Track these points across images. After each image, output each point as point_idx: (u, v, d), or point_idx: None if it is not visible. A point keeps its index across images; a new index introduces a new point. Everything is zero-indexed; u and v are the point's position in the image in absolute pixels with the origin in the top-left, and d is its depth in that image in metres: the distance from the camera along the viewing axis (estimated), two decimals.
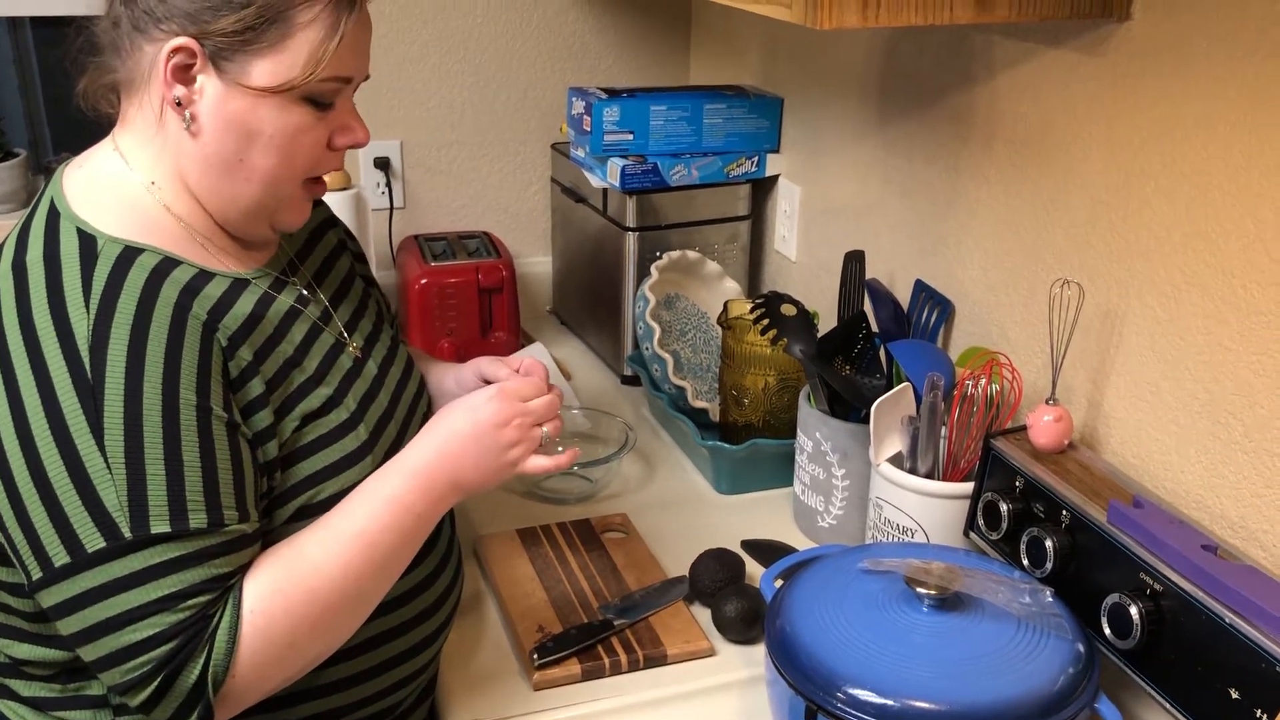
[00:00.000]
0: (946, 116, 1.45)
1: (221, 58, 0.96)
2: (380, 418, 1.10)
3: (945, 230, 1.47)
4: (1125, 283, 1.19)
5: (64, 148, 2.17)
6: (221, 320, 0.98)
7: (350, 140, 1.04)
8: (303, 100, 0.98)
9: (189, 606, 0.90)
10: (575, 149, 1.88)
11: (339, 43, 0.97)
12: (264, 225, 1.05)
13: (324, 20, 0.97)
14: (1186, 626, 0.97)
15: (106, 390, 0.90)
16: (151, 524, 0.89)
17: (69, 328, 0.91)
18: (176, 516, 0.90)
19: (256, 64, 0.96)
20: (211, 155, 0.99)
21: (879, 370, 1.43)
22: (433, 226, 2.11)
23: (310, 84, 0.97)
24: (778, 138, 1.87)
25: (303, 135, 1.00)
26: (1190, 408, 1.12)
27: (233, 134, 0.98)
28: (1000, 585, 1.04)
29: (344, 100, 1.03)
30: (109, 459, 0.89)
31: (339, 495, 1.02)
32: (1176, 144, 1.11)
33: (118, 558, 0.89)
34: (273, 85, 0.96)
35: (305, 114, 0.99)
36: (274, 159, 0.99)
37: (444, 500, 1.04)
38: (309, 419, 1.03)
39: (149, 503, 0.89)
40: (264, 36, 0.95)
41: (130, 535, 0.89)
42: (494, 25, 2.03)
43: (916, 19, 1.09)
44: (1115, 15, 1.15)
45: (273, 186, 1.01)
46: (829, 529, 1.41)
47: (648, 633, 1.23)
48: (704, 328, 1.78)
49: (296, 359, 1.04)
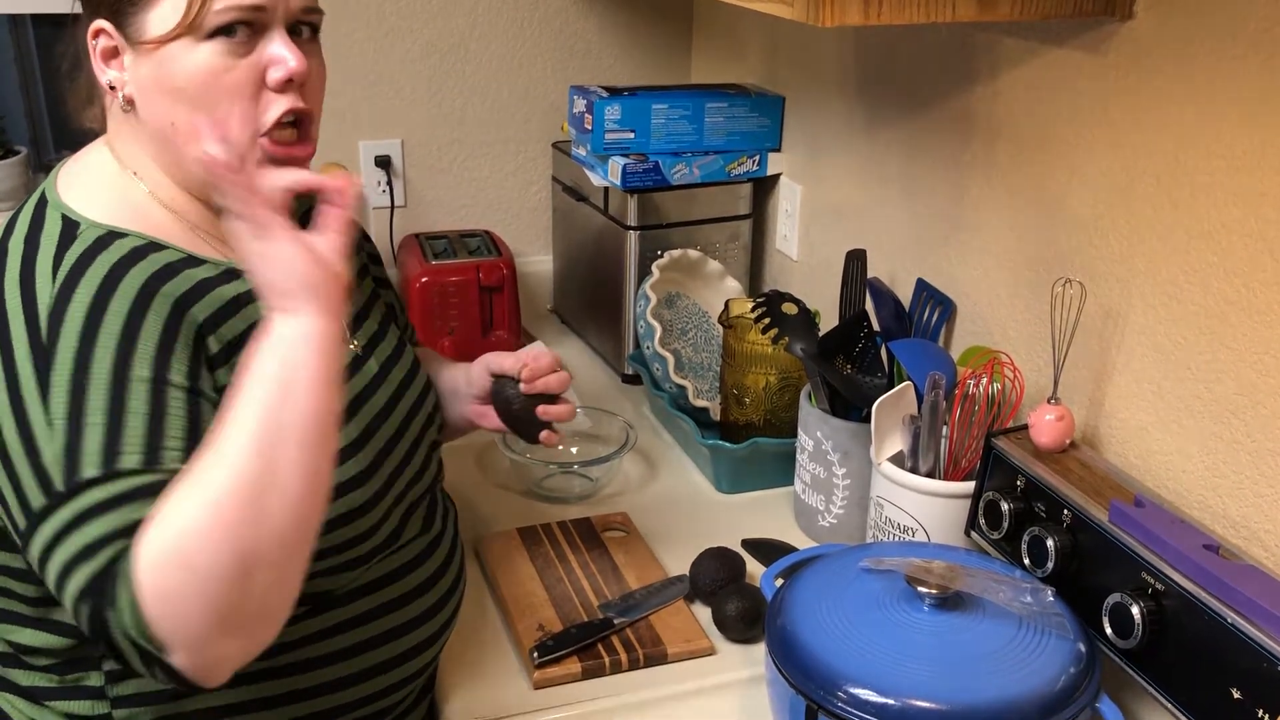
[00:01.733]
0: (948, 115, 1.44)
1: (124, 25, 0.95)
2: (375, 416, 1.09)
3: (947, 229, 1.47)
4: (1127, 282, 1.19)
5: (65, 146, 2.16)
6: (202, 297, 0.96)
7: (283, 71, 0.96)
8: (209, 40, 0.94)
9: (101, 558, 0.81)
10: (576, 147, 1.88)
11: None
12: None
13: None
14: (1188, 626, 0.97)
15: (58, 353, 0.88)
16: (83, 469, 0.85)
17: (34, 296, 0.91)
18: (109, 460, 0.85)
19: (149, 18, 0.94)
20: (152, 129, 0.98)
21: (880, 369, 1.43)
22: (434, 225, 2.10)
23: (204, 18, 0.93)
24: (779, 136, 1.86)
25: (219, 77, 0.94)
26: (1192, 407, 1.12)
27: (158, 99, 0.96)
28: (1001, 584, 1.04)
29: (270, 34, 0.96)
30: (50, 418, 0.87)
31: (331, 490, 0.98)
32: (1179, 143, 1.11)
33: (53, 513, 0.84)
34: (166, 33, 0.93)
35: (215, 53, 0.94)
36: (197, 109, 0.94)
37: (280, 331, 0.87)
38: None
39: (83, 450, 0.85)
40: None
41: (61, 486, 0.85)
42: (495, 24, 2.03)
43: (919, 16, 1.08)
44: (1118, 14, 1.14)
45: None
46: (830, 528, 1.41)
47: (648, 631, 1.23)
48: (705, 326, 1.78)
49: None
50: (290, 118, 0.98)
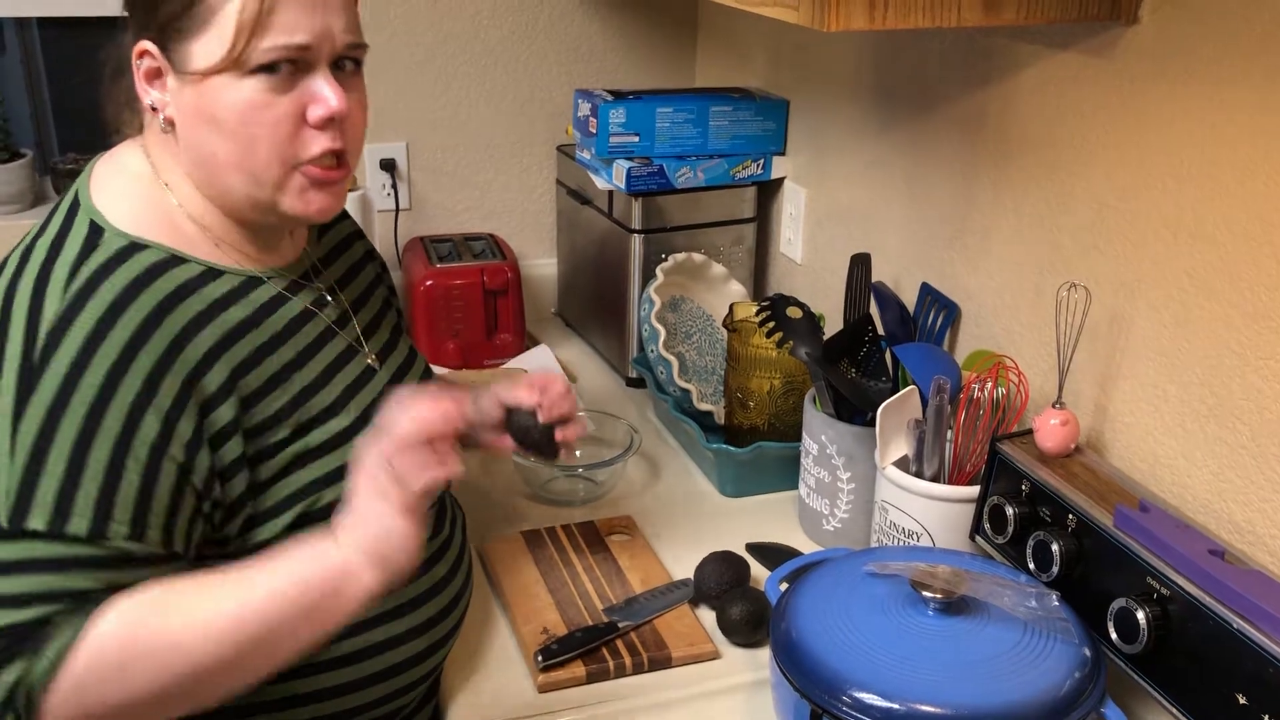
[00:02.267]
0: (952, 119, 1.44)
1: (171, 52, 0.95)
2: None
3: (951, 233, 1.47)
4: (1132, 286, 1.19)
5: (70, 148, 2.17)
6: (211, 322, 0.97)
7: (323, 111, 0.96)
8: (252, 75, 0.94)
9: (32, 611, 0.86)
10: (581, 151, 1.88)
11: (271, 6, 0.92)
12: (270, 215, 1.01)
13: None
14: (1193, 631, 0.97)
15: (45, 375, 0.89)
16: (30, 518, 0.86)
17: (41, 306, 0.91)
18: (57, 516, 0.87)
19: (194, 48, 0.94)
20: (191, 153, 0.99)
21: (885, 373, 1.43)
22: (438, 228, 2.11)
23: (249, 55, 0.93)
24: (783, 140, 1.86)
25: (260, 113, 0.95)
26: (1197, 412, 1.12)
27: (198, 127, 0.97)
28: (1006, 589, 1.04)
29: (313, 72, 0.97)
30: (15, 443, 0.87)
31: (338, 503, 0.98)
32: (1183, 147, 1.11)
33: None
34: (210, 66, 0.94)
35: (257, 89, 0.94)
36: (237, 143, 0.96)
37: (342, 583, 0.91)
38: (306, 427, 1.02)
39: (35, 496, 0.87)
40: (192, 17, 0.93)
41: (5, 524, 0.86)
42: (500, 27, 2.03)
43: (924, 21, 1.08)
44: (1123, 18, 1.14)
45: (252, 174, 0.97)
46: (834, 532, 1.41)
47: (652, 635, 1.23)
48: (709, 330, 1.78)
49: (299, 362, 1.03)
50: (329, 157, 0.99)
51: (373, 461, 0.92)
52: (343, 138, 0.99)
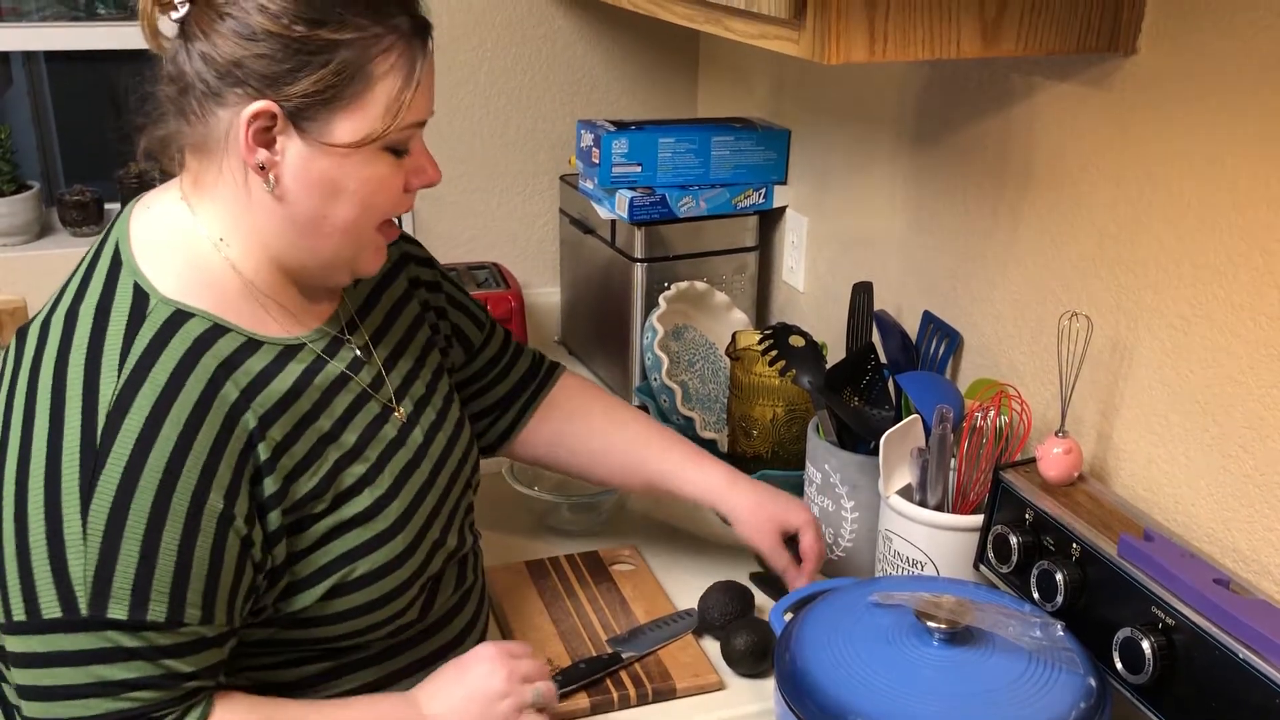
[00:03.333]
0: (953, 149, 1.45)
1: (302, 118, 0.93)
2: (420, 489, 1.09)
3: (953, 262, 1.48)
4: (1134, 315, 1.19)
5: (76, 180, 2.18)
6: (256, 398, 0.97)
7: (424, 181, 1.02)
8: (384, 150, 0.97)
9: (133, 698, 0.89)
10: (584, 181, 1.89)
11: (414, 90, 0.96)
12: (344, 274, 1.04)
13: (400, 69, 0.95)
14: (1199, 661, 0.97)
15: (110, 458, 0.89)
16: (110, 608, 0.88)
17: (96, 385, 0.90)
18: (136, 606, 0.88)
19: (338, 121, 0.94)
20: (297, 215, 0.97)
21: (888, 402, 1.43)
22: (442, 257, 2.08)
23: (391, 134, 0.96)
24: (785, 169, 1.87)
25: (382, 184, 0.98)
26: (1200, 440, 1.12)
27: (318, 193, 0.96)
28: (1011, 619, 1.04)
29: (416, 142, 1.01)
30: (87, 529, 0.88)
31: (372, 574, 1.01)
32: (1184, 177, 1.11)
33: (69, 631, 0.88)
34: (356, 141, 0.95)
35: (386, 163, 0.98)
36: (356, 211, 0.98)
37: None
38: (341, 498, 1.02)
39: (113, 584, 0.88)
40: (344, 93, 0.93)
41: (86, 613, 0.87)
42: (503, 58, 2.05)
43: (924, 53, 1.09)
44: (1121, 50, 1.15)
45: (353, 237, 1.00)
46: (838, 561, 1.41)
47: (656, 666, 1.23)
48: (712, 358, 1.78)
49: (334, 434, 1.02)
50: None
51: (496, 686, 1.03)
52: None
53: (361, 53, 0.93)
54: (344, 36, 0.92)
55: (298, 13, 0.91)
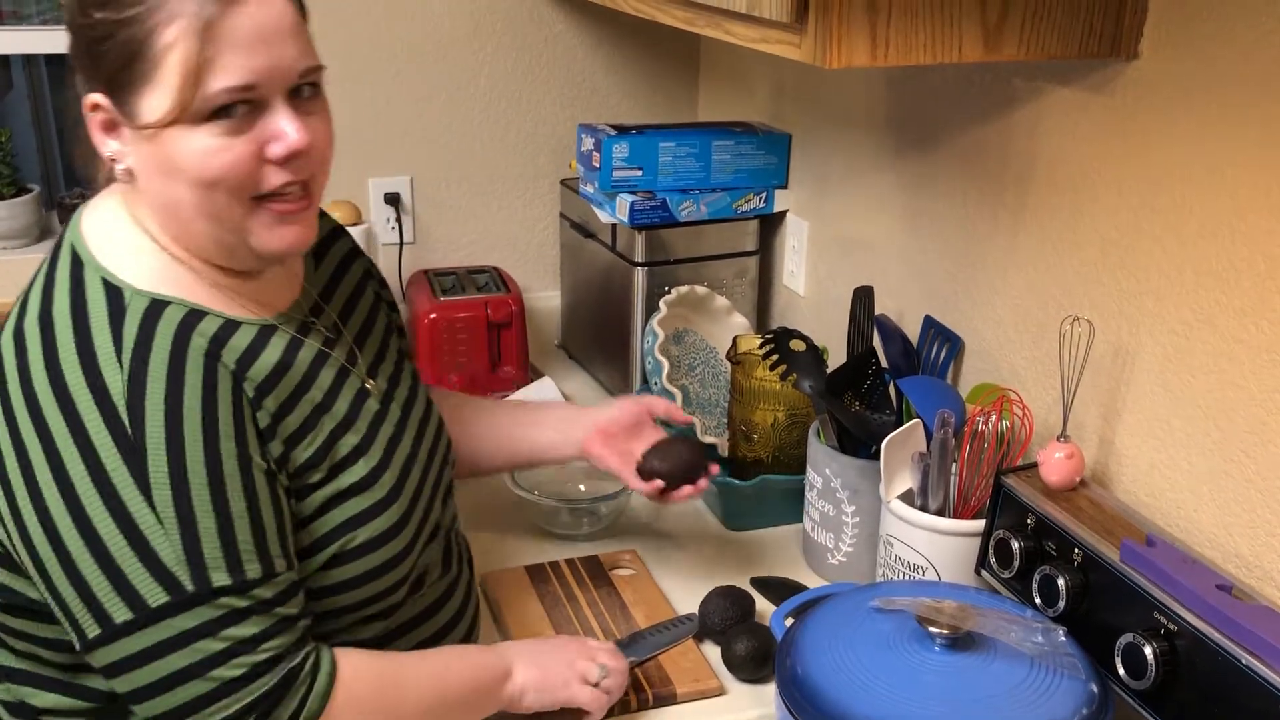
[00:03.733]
0: (954, 154, 1.45)
1: (121, 104, 0.92)
2: (405, 460, 1.10)
3: (954, 267, 1.47)
4: (1136, 320, 1.19)
5: (76, 183, 2.18)
6: (249, 371, 0.97)
7: (283, 148, 0.93)
8: (205, 121, 0.91)
9: (269, 648, 0.92)
10: (584, 185, 1.89)
11: (212, 53, 0.88)
12: (247, 256, 0.99)
13: (190, 35, 0.88)
14: (1202, 667, 0.96)
15: (148, 446, 0.90)
16: (213, 577, 0.90)
17: (103, 384, 0.90)
18: (234, 568, 0.91)
19: (142, 101, 0.91)
20: (154, 202, 0.97)
21: (889, 406, 1.43)
22: (442, 261, 2.11)
23: (199, 103, 0.89)
24: (786, 174, 1.87)
25: (216, 156, 0.92)
26: (1203, 446, 1.12)
27: (158, 175, 0.94)
28: (1013, 624, 1.04)
29: (273, 105, 0.93)
30: (160, 515, 0.89)
31: (372, 542, 1.03)
32: (1186, 182, 1.11)
33: (183, 611, 0.89)
34: (160, 118, 0.90)
35: (211, 135, 0.91)
36: (195, 191, 0.93)
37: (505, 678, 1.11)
38: (337, 468, 1.02)
39: (204, 555, 0.90)
40: (135, 72, 0.90)
41: (193, 588, 0.90)
42: (504, 63, 2.05)
43: (925, 57, 1.09)
44: (1123, 55, 1.15)
45: (214, 217, 0.95)
46: (839, 566, 1.41)
47: (657, 671, 1.22)
48: (713, 363, 1.78)
49: (326, 404, 1.03)
50: (293, 187, 0.97)
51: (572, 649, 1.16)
52: (307, 168, 0.97)
53: (139, 27, 0.89)
54: (122, 15, 0.89)
55: (86, 1, 0.90)
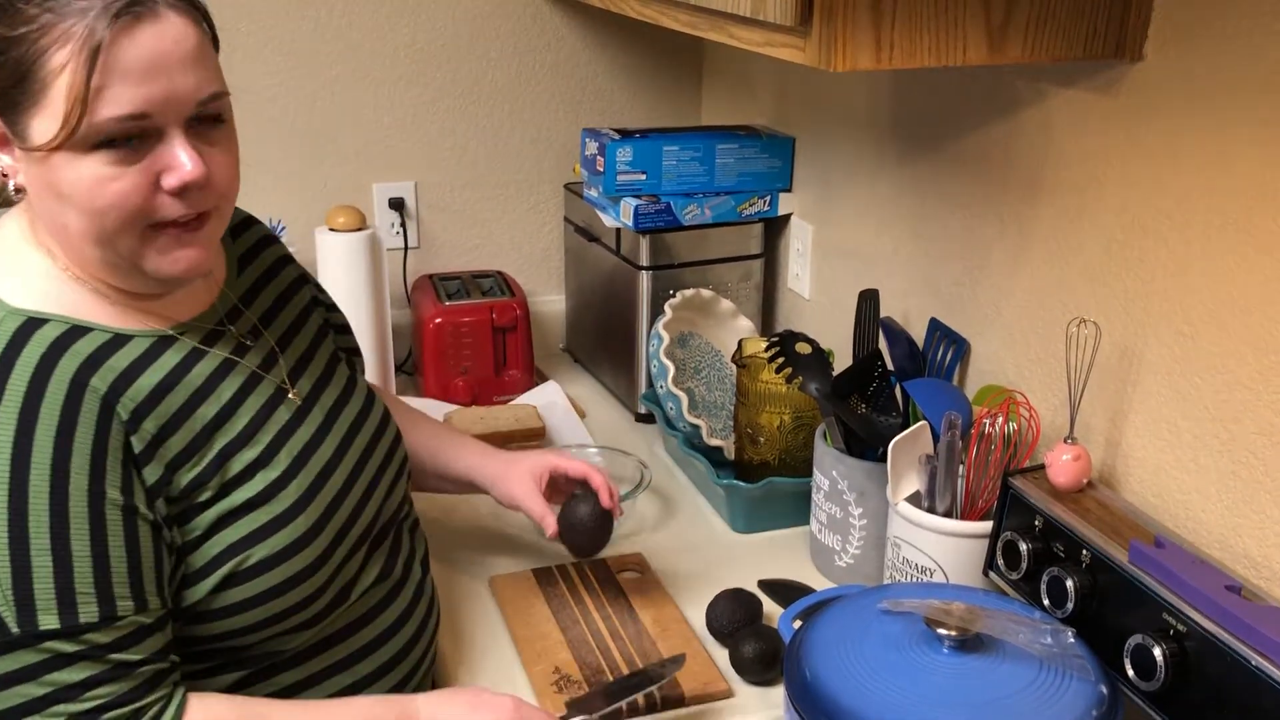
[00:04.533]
0: (959, 156, 1.45)
1: (10, 122, 0.89)
2: (323, 468, 1.07)
3: (959, 269, 1.47)
4: (1142, 321, 1.19)
5: None
6: (126, 392, 0.93)
7: (176, 179, 0.90)
8: (95, 150, 0.88)
9: (94, 697, 0.88)
10: (588, 189, 1.90)
11: (101, 80, 0.85)
12: (141, 279, 0.96)
13: (78, 61, 0.85)
14: (1211, 668, 0.96)
15: None
16: (39, 619, 0.86)
17: None
18: (65, 610, 0.87)
19: (32, 123, 0.88)
20: (45, 221, 0.95)
21: (895, 409, 1.43)
22: (447, 266, 2.12)
23: (87, 131, 0.86)
24: (790, 177, 1.87)
25: (105, 186, 0.89)
26: (1210, 446, 1.12)
27: (47, 200, 0.91)
28: (1021, 626, 1.03)
29: (166, 136, 0.90)
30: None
31: (270, 560, 0.99)
32: (1191, 183, 1.11)
33: (6, 652, 0.86)
34: (46, 143, 0.87)
35: (101, 164, 0.88)
36: (84, 218, 0.90)
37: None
38: (230, 485, 0.99)
39: (35, 596, 0.86)
40: (24, 92, 0.87)
41: (17, 630, 0.86)
42: (508, 68, 2.05)
43: (930, 60, 1.09)
44: (1128, 56, 1.15)
45: (106, 244, 0.92)
46: (846, 568, 1.41)
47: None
48: (718, 366, 1.78)
49: (220, 419, 1.00)
50: (186, 219, 0.94)
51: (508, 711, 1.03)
52: (204, 200, 0.93)
53: (30, 47, 0.85)
54: (14, 33, 0.86)
55: None
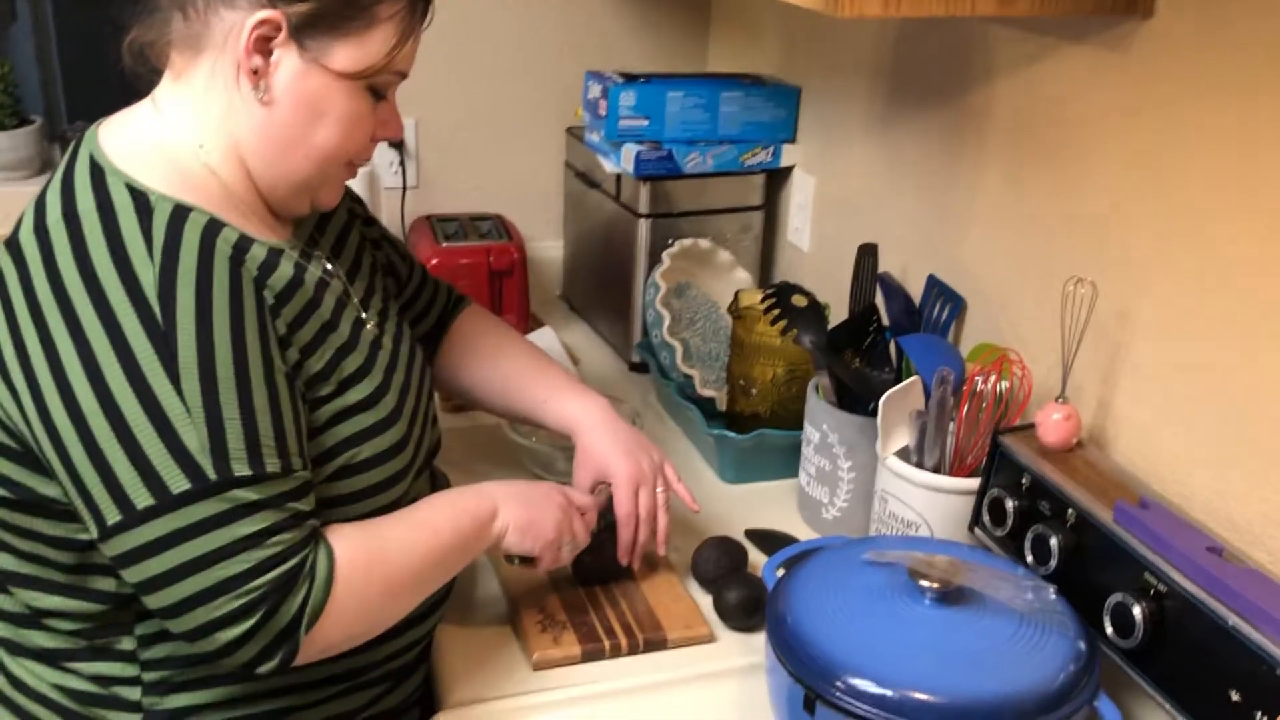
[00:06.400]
0: (964, 111, 1.44)
1: (304, 36, 0.99)
2: (402, 386, 1.13)
3: (959, 226, 1.47)
4: (1140, 282, 1.18)
5: (79, 116, 2.16)
6: (268, 280, 1.00)
7: (389, 133, 1.09)
8: (367, 89, 1.03)
9: (277, 543, 0.93)
10: (590, 133, 1.88)
11: (410, 41, 1.03)
12: (306, 201, 1.08)
13: (401, 17, 1.02)
14: (1189, 628, 0.97)
15: (179, 336, 0.92)
16: (233, 467, 0.92)
17: (134, 275, 0.92)
18: (254, 460, 0.93)
19: (338, 48, 1.00)
20: (278, 127, 1.01)
21: (889, 364, 1.43)
22: (445, 207, 2.10)
23: (381, 75, 1.03)
24: (794, 128, 1.86)
25: (361, 121, 1.04)
26: (1200, 410, 1.12)
27: (303, 110, 1.01)
28: (1003, 581, 1.04)
29: (392, 95, 1.08)
30: (187, 403, 0.91)
31: (376, 458, 1.06)
32: (1197, 144, 1.10)
33: (202, 499, 0.91)
34: (351, 70, 1.00)
35: (366, 102, 1.04)
36: (335, 139, 1.03)
37: (490, 519, 1.12)
38: (344, 384, 1.05)
39: (228, 446, 0.92)
40: (350, 24, 0.99)
41: (215, 476, 0.91)
42: (512, 7, 2.03)
43: (939, 9, 1.08)
44: (1138, 12, 1.14)
45: (325, 165, 1.05)
46: (833, 521, 1.41)
47: (649, 616, 1.23)
48: (714, 316, 1.78)
49: (333, 323, 1.07)
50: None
51: (560, 502, 1.18)
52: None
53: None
54: None
55: None
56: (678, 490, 1.31)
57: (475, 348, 1.39)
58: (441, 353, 1.40)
